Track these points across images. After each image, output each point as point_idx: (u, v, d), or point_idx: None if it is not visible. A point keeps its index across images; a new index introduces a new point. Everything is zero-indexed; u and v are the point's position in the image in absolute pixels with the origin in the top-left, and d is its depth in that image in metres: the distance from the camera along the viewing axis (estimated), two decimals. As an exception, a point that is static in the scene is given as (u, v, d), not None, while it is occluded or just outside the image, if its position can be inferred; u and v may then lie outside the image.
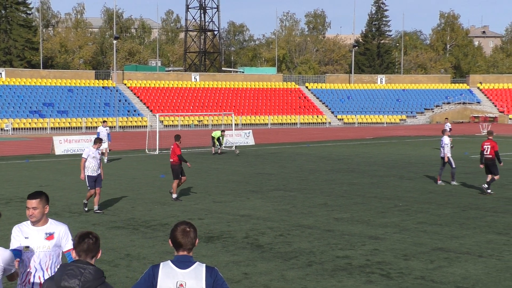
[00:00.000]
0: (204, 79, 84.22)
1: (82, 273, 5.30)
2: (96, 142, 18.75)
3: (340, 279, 11.37)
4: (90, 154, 18.28)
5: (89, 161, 18.27)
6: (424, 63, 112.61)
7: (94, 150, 18.41)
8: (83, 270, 5.32)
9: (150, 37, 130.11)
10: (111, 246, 13.96)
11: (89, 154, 18.30)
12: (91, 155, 18.28)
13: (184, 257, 5.59)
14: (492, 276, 11.53)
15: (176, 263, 5.56)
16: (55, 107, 69.57)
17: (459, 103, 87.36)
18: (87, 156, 18.29)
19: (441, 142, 25.07)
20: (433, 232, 15.34)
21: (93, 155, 18.28)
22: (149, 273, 5.59)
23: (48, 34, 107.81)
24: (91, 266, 5.38)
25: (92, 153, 18.30)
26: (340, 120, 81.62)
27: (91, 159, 18.28)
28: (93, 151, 18.37)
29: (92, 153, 18.29)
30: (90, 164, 18.27)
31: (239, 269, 12.03)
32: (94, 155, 18.29)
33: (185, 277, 5.49)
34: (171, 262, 5.59)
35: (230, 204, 19.63)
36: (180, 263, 5.55)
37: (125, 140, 51.33)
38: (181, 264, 5.55)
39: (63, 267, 5.40)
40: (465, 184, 24.19)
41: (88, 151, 18.38)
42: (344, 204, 19.54)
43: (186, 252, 5.60)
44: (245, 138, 46.46)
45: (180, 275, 5.50)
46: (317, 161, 33.29)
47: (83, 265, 5.37)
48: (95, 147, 18.52)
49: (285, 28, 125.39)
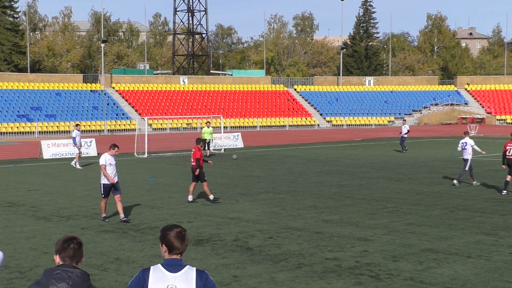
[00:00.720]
0: (193, 82, 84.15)
1: (70, 276, 5.30)
2: (111, 148, 17.59)
3: (329, 281, 11.39)
4: (107, 161, 17.27)
5: (108, 167, 17.29)
6: (412, 64, 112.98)
7: (110, 156, 17.41)
8: (70, 273, 5.32)
9: (138, 40, 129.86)
10: (100, 250, 13.93)
11: (106, 160, 17.27)
12: (108, 161, 17.28)
13: (175, 260, 5.57)
14: (480, 276, 11.59)
15: (166, 266, 5.55)
16: (43, 111, 69.27)
17: (447, 104, 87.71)
18: (105, 162, 17.24)
19: (463, 144, 24.98)
20: (422, 233, 15.39)
21: (110, 161, 17.29)
22: (139, 276, 5.57)
23: (35, 38, 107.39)
24: (77, 269, 5.39)
25: (108, 159, 17.30)
26: (329, 122, 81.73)
27: (108, 166, 17.28)
28: (109, 157, 17.37)
29: (109, 160, 17.29)
30: (109, 170, 17.31)
31: (228, 272, 12.03)
32: (111, 162, 17.29)
33: (176, 280, 5.48)
34: (162, 265, 5.57)
35: (219, 207, 19.63)
36: (171, 266, 5.54)
37: (114, 144, 51.12)
38: (171, 268, 5.53)
39: (49, 272, 5.37)
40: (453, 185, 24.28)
41: (105, 158, 17.34)
42: (333, 206, 19.57)
43: (178, 255, 5.59)
44: (234, 141, 46.46)
45: (171, 278, 5.49)
46: (306, 163, 33.33)
47: (69, 268, 5.37)
48: (110, 153, 17.47)
49: (273, 31, 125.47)
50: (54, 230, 16.13)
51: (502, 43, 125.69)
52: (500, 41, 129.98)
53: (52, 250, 13.83)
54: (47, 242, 14.71)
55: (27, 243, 14.72)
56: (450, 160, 34.27)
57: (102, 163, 17.26)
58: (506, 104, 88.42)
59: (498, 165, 31.34)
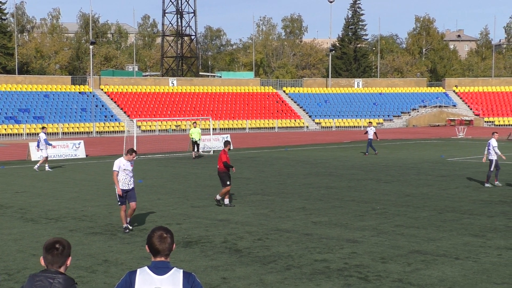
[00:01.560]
0: (182, 84, 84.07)
1: (51, 283, 5.19)
2: (128, 153, 16.53)
3: (318, 283, 11.41)
4: (121, 166, 16.23)
5: (120, 173, 16.26)
6: (401, 66, 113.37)
7: (126, 161, 16.37)
8: (52, 280, 5.21)
9: (126, 42, 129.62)
10: (89, 252, 13.88)
11: (120, 166, 16.23)
12: (122, 167, 16.23)
13: (161, 263, 5.55)
14: (468, 278, 11.63)
15: (153, 269, 5.52)
16: (31, 113, 69.01)
17: (435, 106, 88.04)
18: (118, 168, 16.23)
19: (489, 144, 25.14)
20: (410, 235, 15.44)
21: (124, 167, 16.24)
22: (126, 279, 5.55)
23: (23, 40, 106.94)
24: (60, 275, 5.25)
25: (123, 165, 16.27)
26: (318, 124, 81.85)
27: (122, 171, 16.25)
28: (124, 162, 16.33)
29: (123, 165, 16.26)
30: (121, 177, 16.29)
31: (217, 274, 12.02)
32: (126, 167, 16.26)
33: (162, 283, 5.46)
34: (148, 268, 5.55)
35: (208, 208, 19.61)
36: (157, 269, 5.52)
37: (102, 146, 51.06)
38: (158, 270, 5.51)
39: (32, 279, 5.29)
40: (441, 187, 24.37)
41: (119, 163, 16.28)
42: (322, 207, 19.60)
43: (163, 258, 5.57)
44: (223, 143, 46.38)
45: (158, 281, 5.47)
46: (295, 165, 33.36)
47: (52, 274, 5.25)
48: (127, 158, 16.42)
49: (262, 33, 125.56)
50: (42, 232, 16.06)
51: (490, 45, 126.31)
52: (488, 43, 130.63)
53: (40, 252, 13.77)
54: (35, 244, 14.65)
55: (15, 245, 14.66)
56: (438, 162, 34.39)
57: (115, 169, 16.27)
58: (494, 106, 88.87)
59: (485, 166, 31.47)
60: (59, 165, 34.92)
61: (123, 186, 16.27)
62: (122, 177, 16.26)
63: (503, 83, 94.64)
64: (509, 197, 21.42)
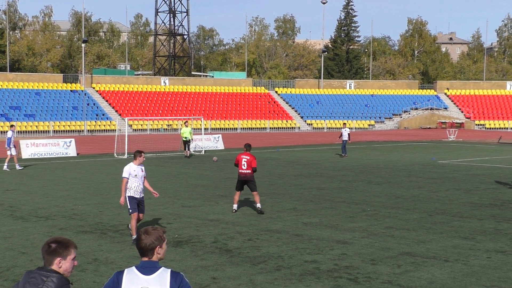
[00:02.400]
0: (174, 83, 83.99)
1: (44, 281, 5.17)
2: (136, 156, 15.10)
3: (308, 284, 11.42)
4: (131, 172, 14.92)
5: (131, 180, 14.93)
6: (393, 68, 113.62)
7: (136, 166, 15.00)
8: (46, 278, 5.19)
9: (119, 41, 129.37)
10: (79, 251, 13.71)
11: (130, 172, 14.92)
12: (133, 173, 14.93)
13: (149, 262, 5.53)
14: (458, 280, 11.67)
15: (140, 269, 5.50)
16: (22, 111, 68.79)
17: (427, 108, 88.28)
18: (128, 174, 14.92)
19: None
20: (400, 236, 15.47)
21: (135, 172, 14.94)
22: (113, 279, 5.54)
23: (15, 37, 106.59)
24: (54, 274, 5.24)
25: (133, 170, 14.93)
26: (309, 125, 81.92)
27: (133, 178, 14.95)
28: (134, 168, 14.97)
29: (134, 171, 14.93)
30: (132, 183, 14.95)
31: (207, 274, 12.01)
32: (137, 173, 14.95)
33: (149, 283, 5.44)
34: (136, 268, 5.53)
35: (199, 208, 19.59)
36: (145, 269, 5.50)
37: (94, 144, 50.95)
38: (145, 270, 5.49)
39: (27, 275, 5.29)
40: (432, 189, 24.43)
41: (129, 169, 14.95)
42: (312, 208, 19.61)
43: (147, 257, 5.54)
44: (215, 143, 46.42)
45: (144, 281, 5.45)
46: (286, 166, 33.37)
47: (47, 272, 5.24)
48: (137, 162, 15.03)
49: (255, 33, 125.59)
50: (32, 230, 16.01)
51: (482, 49, 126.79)
52: (480, 46, 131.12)
53: (30, 250, 13.77)
54: (24, 242, 14.61)
55: (5, 243, 14.61)
56: (429, 164, 34.48)
57: (125, 176, 14.95)
58: (485, 109, 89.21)
59: (475, 169, 31.60)
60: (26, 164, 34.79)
61: (135, 194, 14.96)
62: (134, 185, 14.94)
63: (494, 86, 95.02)
64: (499, 200, 21.49)
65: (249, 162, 18.80)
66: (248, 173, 18.77)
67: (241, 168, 18.82)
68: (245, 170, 18.77)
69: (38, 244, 14.46)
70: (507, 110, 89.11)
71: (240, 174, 18.90)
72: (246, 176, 18.79)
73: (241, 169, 18.82)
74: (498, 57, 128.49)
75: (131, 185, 14.92)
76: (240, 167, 18.86)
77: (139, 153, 15.08)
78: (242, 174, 18.85)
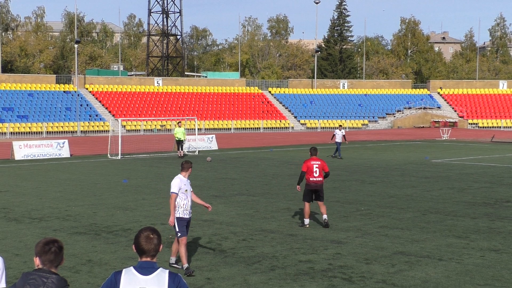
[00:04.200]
0: (167, 84, 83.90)
1: (44, 282, 5.21)
2: (185, 167, 12.68)
3: (302, 283, 11.43)
4: (181, 187, 12.42)
5: (180, 196, 12.46)
6: (386, 68, 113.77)
7: (186, 179, 12.66)
8: (46, 279, 5.23)
9: (112, 41, 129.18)
10: (73, 252, 13.82)
11: (180, 187, 12.42)
12: (183, 187, 12.45)
13: (147, 263, 5.55)
14: (452, 279, 11.69)
15: (138, 269, 5.52)
16: (15, 112, 68.58)
17: (420, 108, 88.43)
18: (178, 189, 12.41)
19: None
20: (394, 236, 15.50)
21: (186, 187, 12.51)
22: (111, 279, 5.55)
23: (7, 38, 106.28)
24: (54, 275, 5.28)
25: (184, 184, 12.50)
26: (303, 125, 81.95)
27: (182, 193, 12.47)
28: (184, 181, 12.56)
29: (184, 185, 12.49)
30: (181, 200, 12.45)
31: (202, 274, 12.00)
32: (187, 187, 12.53)
33: (148, 283, 5.45)
34: (134, 268, 5.55)
35: (193, 209, 19.48)
36: (143, 269, 5.52)
37: (87, 145, 50.86)
38: (143, 270, 5.51)
39: (25, 276, 5.30)
40: (425, 188, 24.48)
41: (179, 183, 12.42)
42: (306, 208, 19.60)
43: (149, 258, 5.56)
44: (208, 143, 46.39)
45: (143, 281, 5.47)
46: (280, 166, 33.38)
47: (46, 274, 5.26)
48: (185, 174, 12.68)
49: (248, 33, 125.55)
50: (25, 232, 15.97)
51: (474, 48, 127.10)
52: (472, 45, 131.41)
53: (23, 252, 13.73)
54: (18, 244, 14.57)
55: (-2, 245, 14.56)
56: (422, 164, 34.54)
57: (174, 191, 12.39)
58: (478, 108, 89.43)
59: (469, 168, 31.67)
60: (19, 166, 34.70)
61: (184, 214, 12.44)
62: (183, 202, 12.47)
63: (487, 86, 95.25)
64: (492, 199, 21.55)
65: (321, 168, 16.87)
66: (319, 181, 16.83)
67: (312, 176, 16.70)
68: (317, 178, 16.77)
69: (32, 246, 14.42)
70: (500, 109, 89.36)
71: (311, 182, 16.77)
72: (318, 185, 16.81)
73: (313, 177, 16.70)
74: (491, 56, 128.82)
75: (179, 203, 12.43)
76: (311, 175, 16.74)
77: (189, 163, 12.70)
78: (313, 182, 16.76)
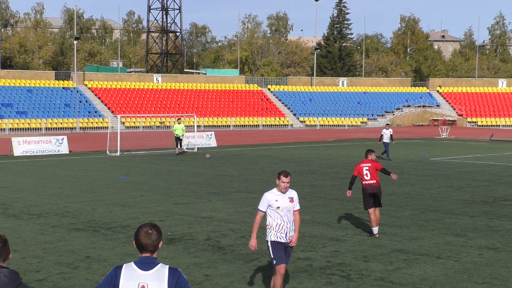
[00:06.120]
0: (166, 81, 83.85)
1: None
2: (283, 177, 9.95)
3: (300, 281, 11.43)
4: (272, 204, 9.97)
5: (273, 215, 10.01)
6: (385, 66, 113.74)
7: (281, 194, 10.06)
8: None
9: (111, 38, 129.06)
10: (71, 248, 13.82)
11: (269, 204, 9.99)
12: (274, 204, 9.97)
13: (147, 258, 5.58)
14: (450, 277, 11.71)
15: (139, 264, 5.55)
16: (14, 108, 68.55)
17: (419, 106, 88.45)
18: (266, 207, 10.02)
19: None
20: (392, 234, 15.50)
21: (278, 203, 10.02)
22: (111, 274, 5.58)
23: (6, 34, 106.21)
24: (4, 268, 5.33)
25: (275, 200, 9.99)
26: (302, 122, 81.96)
27: (273, 211, 9.99)
28: (277, 196, 10.06)
29: (276, 201, 10.00)
30: (279, 219, 10.01)
31: (200, 271, 12.01)
32: (280, 204, 10.01)
33: (147, 278, 5.49)
34: (134, 263, 5.58)
35: (191, 206, 19.58)
36: (143, 264, 5.54)
37: (86, 142, 50.84)
38: (143, 266, 5.54)
39: None
40: (424, 186, 24.49)
41: (268, 199, 10.00)
42: (305, 206, 19.61)
43: (149, 253, 5.59)
44: (207, 140, 46.38)
45: (142, 276, 5.50)
46: (279, 163, 33.38)
47: None
48: (282, 187, 10.02)
49: (248, 30, 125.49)
50: (24, 228, 15.97)
51: (474, 46, 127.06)
52: (472, 44, 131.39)
53: (22, 248, 13.74)
54: (16, 240, 14.57)
55: (-3, 241, 14.54)
56: (421, 162, 34.55)
57: (262, 209, 10.09)
58: (477, 107, 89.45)
59: (468, 166, 31.68)
60: (18, 162, 34.70)
61: (279, 236, 10.04)
62: (276, 222, 10.04)
63: (486, 84, 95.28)
64: (490, 197, 21.57)
65: (373, 170, 15.65)
66: (374, 184, 15.49)
67: (364, 179, 15.59)
68: (370, 181, 15.50)
69: (31, 242, 14.43)
70: (499, 108, 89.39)
71: (366, 186, 15.54)
72: (374, 188, 15.48)
73: (365, 180, 15.54)
74: (490, 55, 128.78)
75: (271, 223, 10.07)
76: (363, 179, 15.68)
77: (286, 173, 10.04)
78: (368, 186, 15.53)
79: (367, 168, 15.65)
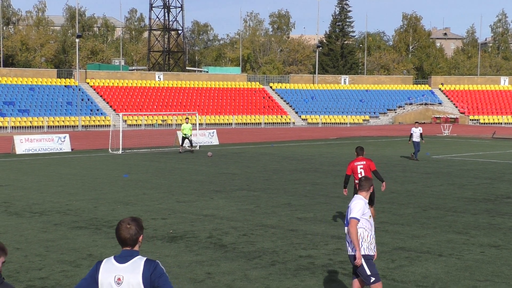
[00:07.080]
0: (168, 79, 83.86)
1: None
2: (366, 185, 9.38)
3: (302, 279, 11.44)
4: (366, 212, 9.08)
5: (365, 224, 9.11)
6: (387, 64, 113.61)
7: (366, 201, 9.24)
8: None
9: (113, 36, 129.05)
10: (73, 246, 13.84)
11: (364, 212, 9.05)
12: (367, 212, 9.11)
13: (127, 251, 5.73)
14: (451, 275, 11.71)
15: (118, 258, 5.73)
16: (16, 106, 68.59)
17: (421, 104, 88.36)
18: (360, 215, 9.02)
19: None
20: (394, 231, 15.51)
21: (369, 212, 9.21)
22: (93, 268, 5.78)
23: (8, 32, 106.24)
24: None
25: (368, 210, 9.14)
26: (304, 120, 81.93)
27: (365, 221, 9.09)
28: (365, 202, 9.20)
29: (368, 211, 9.14)
30: (365, 231, 9.12)
31: (202, 269, 12.02)
32: (370, 213, 9.28)
33: (123, 271, 5.65)
34: (114, 257, 5.76)
35: (193, 204, 19.59)
36: (121, 258, 5.71)
37: (88, 140, 50.87)
38: (121, 259, 5.70)
39: None
40: (426, 184, 24.48)
41: (362, 207, 9.07)
42: (307, 204, 19.63)
43: (129, 247, 5.74)
44: (209, 138, 46.39)
45: (119, 269, 5.66)
46: (281, 161, 33.39)
47: None
48: (365, 194, 9.33)
49: (249, 28, 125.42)
50: (26, 226, 15.99)
51: (476, 44, 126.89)
52: (474, 41, 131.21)
53: (24, 246, 13.76)
54: (19, 238, 14.59)
55: (-1, 239, 14.59)
56: (423, 159, 34.53)
57: (356, 217, 9.00)
58: (479, 104, 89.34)
59: (470, 164, 31.67)
60: (20, 160, 34.73)
61: (369, 249, 9.16)
62: (366, 233, 9.15)
63: (489, 82, 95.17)
64: (492, 195, 21.56)
65: (367, 168, 15.38)
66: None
67: (358, 178, 15.11)
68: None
69: (33, 240, 14.45)
70: (501, 105, 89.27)
71: None
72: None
73: (358, 179, 14.86)
74: (492, 53, 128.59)
75: (362, 234, 9.11)
76: (356, 177, 15.41)
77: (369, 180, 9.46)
78: None
79: (362, 166, 15.54)
